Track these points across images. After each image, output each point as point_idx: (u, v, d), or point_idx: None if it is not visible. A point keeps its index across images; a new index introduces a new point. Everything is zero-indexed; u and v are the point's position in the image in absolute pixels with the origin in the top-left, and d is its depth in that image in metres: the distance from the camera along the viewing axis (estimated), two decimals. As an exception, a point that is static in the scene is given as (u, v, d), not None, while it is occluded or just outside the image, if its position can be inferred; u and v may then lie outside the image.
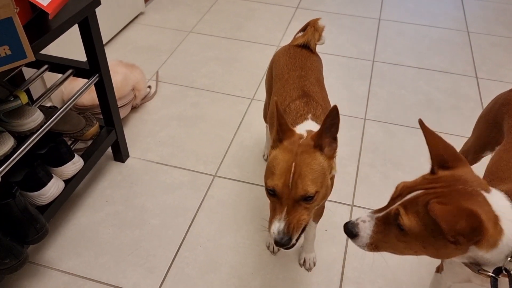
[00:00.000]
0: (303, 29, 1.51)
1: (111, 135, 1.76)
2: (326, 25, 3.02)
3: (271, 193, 1.00)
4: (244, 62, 2.56)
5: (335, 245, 1.61)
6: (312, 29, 1.45)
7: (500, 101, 1.29)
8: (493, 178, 1.07)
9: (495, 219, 0.78)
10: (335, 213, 1.71)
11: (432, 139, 0.87)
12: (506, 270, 0.81)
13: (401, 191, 0.87)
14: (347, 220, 1.68)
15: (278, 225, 0.98)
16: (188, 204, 1.74)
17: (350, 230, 0.91)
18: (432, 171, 0.86)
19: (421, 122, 0.91)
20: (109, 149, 1.87)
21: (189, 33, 2.82)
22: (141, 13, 2.97)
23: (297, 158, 0.97)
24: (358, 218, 0.91)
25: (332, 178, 1.28)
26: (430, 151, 0.87)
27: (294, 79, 1.33)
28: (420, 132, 2.15)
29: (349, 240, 1.61)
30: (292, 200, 0.97)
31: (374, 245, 0.89)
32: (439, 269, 1.17)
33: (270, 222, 1.00)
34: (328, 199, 1.30)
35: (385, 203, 1.59)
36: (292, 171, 0.96)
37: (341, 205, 1.75)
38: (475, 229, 0.74)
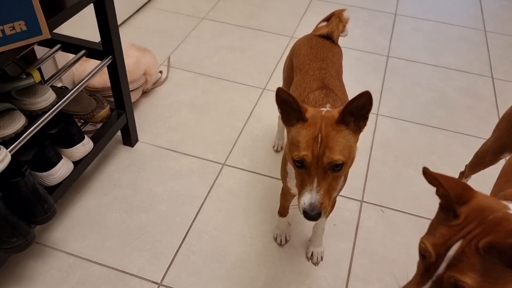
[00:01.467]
0: (327, 19, 1.48)
1: (121, 118, 1.74)
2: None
3: (299, 165, 0.97)
4: (256, 51, 2.53)
5: (344, 241, 1.59)
6: (337, 19, 1.42)
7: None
8: (509, 178, 1.04)
9: None
10: (344, 208, 1.69)
11: (445, 181, 0.78)
12: None
13: (435, 253, 0.76)
14: (356, 216, 1.67)
15: (309, 196, 0.95)
16: (196, 191, 1.72)
17: None
18: (455, 215, 0.77)
19: (426, 170, 0.80)
20: (119, 133, 1.86)
21: (202, 19, 2.79)
22: (154, -3, 2.93)
23: (322, 129, 0.95)
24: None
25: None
26: (450, 194, 0.78)
27: (315, 71, 1.30)
28: (433, 130, 2.12)
29: (357, 236, 1.60)
30: (321, 170, 0.95)
31: None
32: None
33: (300, 194, 0.97)
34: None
35: (395, 200, 1.53)
36: (319, 140, 0.94)
37: (351, 200, 1.73)
38: None
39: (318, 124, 0.96)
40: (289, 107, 0.98)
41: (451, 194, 0.77)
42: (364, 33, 2.78)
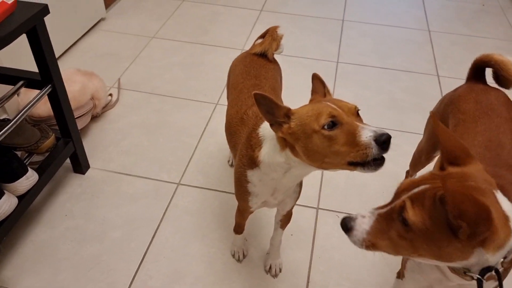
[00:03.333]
0: (263, 35, 1.49)
1: (69, 147, 1.70)
2: (290, 27, 3.03)
3: (332, 125, 0.88)
4: (208, 67, 2.53)
5: (301, 250, 1.60)
6: (270, 38, 1.43)
7: (445, 101, 1.31)
8: None
9: (505, 219, 0.75)
10: (300, 217, 1.70)
11: (444, 135, 0.83)
12: (496, 271, 0.76)
13: (406, 187, 0.81)
14: (313, 224, 1.69)
15: (368, 129, 0.85)
16: (151, 214, 1.70)
17: (345, 224, 0.85)
18: (442, 168, 0.82)
19: (433, 116, 0.86)
20: (68, 161, 1.82)
21: (152, 38, 2.77)
22: (102, 19, 2.90)
23: (326, 99, 0.95)
24: (358, 213, 0.86)
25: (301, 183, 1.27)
26: (442, 147, 0.82)
27: (249, 88, 1.31)
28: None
29: (315, 244, 1.62)
30: (354, 116, 0.90)
31: (372, 243, 0.84)
32: (400, 275, 1.16)
33: (354, 143, 0.86)
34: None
35: (350, 204, 1.58)
36: (332, 103, 0.92)
37: (307, 208, 1.74)
38: (482, 220, 0.70)
39: (316, 100, 0.97)
40: (271, 109, 0.95)
41: (444, 147, 0.81)
42: (313, 41, 2.83)
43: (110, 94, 2.23)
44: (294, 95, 2.36)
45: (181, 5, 3.15)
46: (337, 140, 0.88)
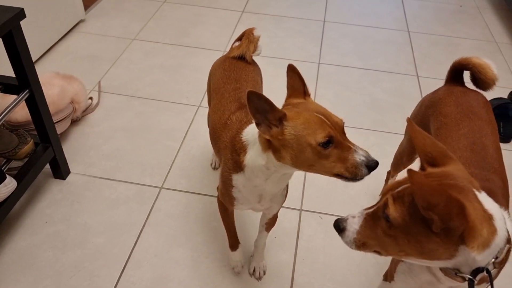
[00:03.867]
0: (240, 38, 1.49)
1: (48, 152, 1.67)
2: (272, 28, 3.03)
3: (328, 143, 0.93)
4: (190, 69, 2.52)
5: (285, 252, 1.61)
6: (247, 40, 1.42)
7: (425, 103, 1.32)
8: None
9: (489, 217, 0.76)
10: (284, 219, 1.71)
11: (419, 138, 0.85)
12: (487, 271, 0.78)
13: (391, 187, 0.84)
14: (296, 225, 1.69)
15: (359, 153, 0.94)
16: (133, 219, 1.68)
17: (338, 225, 0.90)
18: (422, 168, 0.85)
19: (409, 121, 0.89)
20: (48, 166, 1.78)
21: (133, 40, 2.75)
22: (81, 21, 2.86)
23: (313, 107, 0.97)
24: (349, 214, 0.90)
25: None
26: (417, 149, 0.85)
27: (230, 92, 1.31)
28: (366, 132, 2.19)
29: (298, 245, 1.62)
30: (343, 134, 0.96)
31: (362, 242, 0.87)
32: (387, 277, 1.17)
33: (346, 160, 0.94)
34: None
35: (333, 206, 1.61)
36: (323, 116, 0.95)
37: (290, 210, 1.75)
38: (454, 214, 0.71)
39: (307, 107, 0.97)
40: (264, 110, 0.94)
41: (419, 150, 0.84)
42: (295, 42, 2.84)
43: (91, 98, 2.20)
44: (277, 96, 2.37)
45: (162, 6, 3.12)
46: (330, 157, 0.94)
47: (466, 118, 1.18)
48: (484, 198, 0.79)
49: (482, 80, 1.27)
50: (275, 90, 2.50)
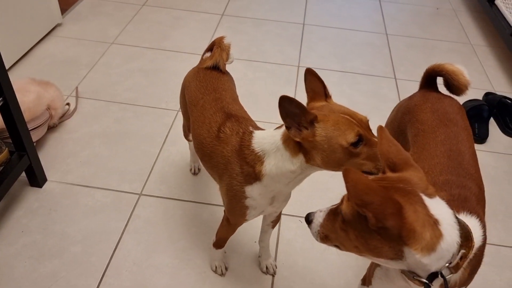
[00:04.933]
0: (210, 49, 1.48)
1: (23, 160, 1.65)
2: (252, 31, 3.04)
3: (358, 142, 0.96)
4: (169, 73, 2.51)
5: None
6: (219, 49, 1.41)
7: (402, 110, 1.35)
8: None
9: (434, 222, 0.78)
10: (264, 223, 1.71)
11: (385, 144, 0.89)
12: (442, 275, 0.80)
13: None
14: (276, 229, 1.70)
15: None
16: (112, 227, 1.67)
17: (308, 217, 0.96)
18: (383, 172, 0.89)
19: (380, 129, 0.92)
20: (24, 174, 1.75)
21: (111, 44, 2.72)
22: (58, 25, 2.82)
23: (338, 109, 1.01)
24: (319, 209, 0.95)
25: None
26: (381, 155, 0.89)
27: (211, 103, 1.30)
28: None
29: (278, 249, 1.63)
30: (369, 130, 1.00)
31: (325, 235, 0.92)
32: (365, 282, 1.18)
33: (375, 158, 0.97)
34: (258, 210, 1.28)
35: (313, 209, 1.65)
36: (349, 116, 0.98)
37: (270, 214, 1.76)
38: (389, 214, 0.74)
39: (332, 109, 1.00)
40: (294, 114, 0.96)
41: (382, 156, 0.88)
42: (274, 45, 2.85)
43: (68, 103, 2.17)
44: (257, 99, 2.38)
45: (141, 10, 3.10)
46: (360, 155, 0.98)
47: (442, 125, 1.21)
48: (434, 203, 0.81)
49: (455, 86, 1.29)
50: (254, 93, 2.52)
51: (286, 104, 0.95)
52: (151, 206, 1.76)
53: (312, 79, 1.07)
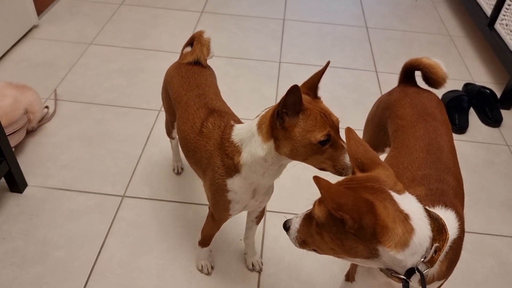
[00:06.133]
0: (189, 43, 1.47)
1: (2, 166, 1.61)
2: (232, 28, 3.03)
3: (326, 142, 0.99)
4: (149, 72, 2.48)
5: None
6: (199, 44, 1.41)
7: (382, 105, 1.35)
8: None
9: (404, 217, 0.79)
10: (249, 221, 1.71)
11: (353, 145, 0.90)
12: (418, 270, 0.81)
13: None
14: (261, 226, 1.70)
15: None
16: (95, 230, 1.65)
17: (285, 224, 0.97)
18: (352, 173, 0.90)
19: (348, 131, 0.93)
20: (3, 180, 1.72)
21: (89, 45, 2.68)
22: (34, 27, 2.77)
23: (317, 104, 1.03)
24: (296, 215, 0.96)
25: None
26: (350, 156, 0.91)
27: (194, 99, 1.30)
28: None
29: (264, 246, 1.63)
30: (337, 133, 1.02)
31: (302, 240, 0.93)
32: (349, 278, 1.19)
33: (337, 159, 1.01)
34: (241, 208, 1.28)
35: (297, 205, 1.66)
36: (325, 113, 1.00)
37: (255, 211, 1.75)
38: (364, 213, 0.75)
39: (312, 105, 1.01)
40: (293, 103, 0.98)
41: (350, 156, 0.89)
42: (255, 41, 2.84)
43: (46, 107, 2.14)
44: (238, 96, 2.38)
45: (119, 9, 3.06)
46: (323, 154, 1.01)
47: (421, 119, 1.22)
48: (403, 199, 0.82)
49: (434, 79, 1.31)
50: (236, 90, 2.52)
51: (296, 93, 0.97)
52: (134, 207, 1.74)
53: (315, 74, 1.13)
